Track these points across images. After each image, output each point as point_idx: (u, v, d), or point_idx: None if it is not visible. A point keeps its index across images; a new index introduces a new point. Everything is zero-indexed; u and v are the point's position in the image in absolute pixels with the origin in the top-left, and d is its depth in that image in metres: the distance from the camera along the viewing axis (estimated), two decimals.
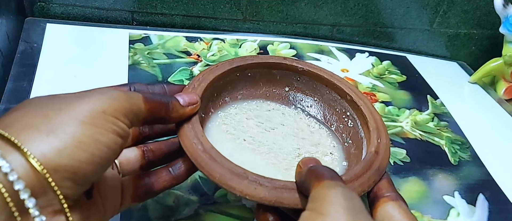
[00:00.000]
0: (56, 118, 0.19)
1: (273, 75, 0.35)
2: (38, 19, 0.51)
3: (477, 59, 0.69)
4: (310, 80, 0.35)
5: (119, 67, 0.47)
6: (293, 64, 0.35)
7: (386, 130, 0.30)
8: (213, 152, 0.25)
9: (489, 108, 0.57)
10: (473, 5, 0.63)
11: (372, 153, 0.28)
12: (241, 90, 0.35)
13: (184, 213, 0.33)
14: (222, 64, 0.33)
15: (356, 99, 0.32)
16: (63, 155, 0.18)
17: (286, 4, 0.59)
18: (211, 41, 0.56)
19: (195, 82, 0.30)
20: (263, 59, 0.35)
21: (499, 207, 0.41)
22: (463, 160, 0.46)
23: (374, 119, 0.31)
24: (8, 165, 0.17)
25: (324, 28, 0.63)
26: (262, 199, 0.23)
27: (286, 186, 0.24)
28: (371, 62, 0.60)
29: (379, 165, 0.27)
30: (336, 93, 0.34)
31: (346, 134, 0.34)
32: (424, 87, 0.58)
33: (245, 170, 0.24)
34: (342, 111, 0.34)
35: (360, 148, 0.31)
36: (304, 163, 0.24)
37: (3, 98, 0.39)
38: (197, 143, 0.25)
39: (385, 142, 0.29)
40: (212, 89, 0.32)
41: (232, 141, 0.31)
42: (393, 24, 0.64)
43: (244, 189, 0.23)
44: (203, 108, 0.31)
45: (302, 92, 0.36)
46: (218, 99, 0.34)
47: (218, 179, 0.24)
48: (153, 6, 0.56)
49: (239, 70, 0.34)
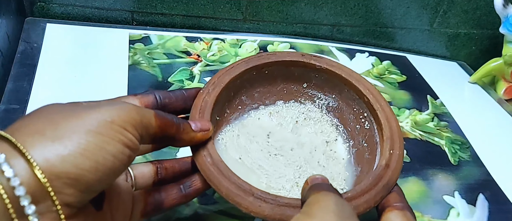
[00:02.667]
0: (63, 125, 0.19)
1: (290, 71, 0.35)
2: (38, 19, 0.51)
3: (477, 59, 0.69)
4: (328, 77, 0.34)
5: (119, 67, 0.47)
6: (311, 62, 0.34)
7: (402, 138, 0.29)
8: (222, 166, 0.25)
9: (489, 108, 0.57)
10: (473, 5, 0.63)
11: (382, 167, 0.27)
12: (258, 87, 0.35)
13: (184, 213, 0.33)
14: (238, 64, 0.32)
15: (373, 101, 0.31)
16: (66, 162, 0.18)
17: (286, 4, 0.59)
18: (211, 41, 0.56)
19: (209, 87, 0.30)
20: (279, 56, 0.34)
21: (499, 207, 0.41)
22: (463, 160, 0.46)
23: (389, 127, 0.30)
24: (11, 170, 0.17)
25: (324, 28, 0.63)
26: (266, 216, 0.24)
27: (290, 204, 0.24)
28: (371, 62, 0.60)
29: (388, 180, 0.26)
30: (354, 92, 0.33)
31: (362, 136, 0.33)
32: (424, 87, 0.58)
33: (251, 187, 0.24)
34: (359, 112, 0.33)
35: (374, 154, 0.30)
36: (312, 180, 0.24)
37: (3, 98, 0.39)
38: (207, 155, 0.26)
39: (398, 153, 0.28)
40: (228, 90, 0.31)
41: (248, 146, 0.31)
42: (393, 24, 0.64)
43: (249, 206, 0.24)
44: (218, 110, 0.31)
45: (320, 89, 0.35)
46: (235, 99, 0.33)
47: (225, 194, 0.24)
48: (153, 6, 0.56)
49: (256, 70, 0.33)
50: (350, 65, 0.59)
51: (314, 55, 0.35)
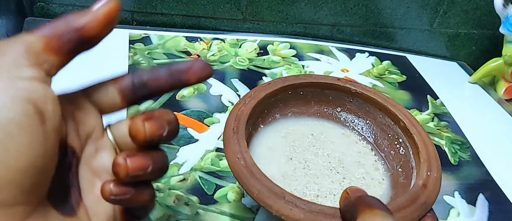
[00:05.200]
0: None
1: (325, 95, 0.35)
2: (38, 19, 0.51)
3: (477, 59, 0.69)
4: (363, 102, 0.35)
5: (119, 67, 0.47)
6: (347, 86, 0.34)
7: (439, 163, 0.29)
8: (254, 169, 0.25)
9: (489, 108, 0.57)
10: (473, 5, 0.63)
11: (419, 186, 0.26)
12: (292, 108, 0.35)
13: (184, 213, 0.33)
14: (274, 82, 0.33)
15: (410, 126, 0.31)
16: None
17: (286, 4, 0.59)
18: (211, 41, 0.56)
19: (246, 98, 0.31)
20: (316, 78, 0.34)
21: (499, 207, 0.41)
22: (463, 160, 0.46)
23: (426, 150, 0.29)
24: None
25: (324, 28, 0.63)
26: (297, 220, 0.23)
27: (323, 211, 0.23)
28: (371, 62, 0.60)
29: (425, 199, 0.26)
30: (390, 118, 0.33)
31: (396, 161, 0.33)
32: (424, 87, 0.58)
33: (283, 190, 0.24)
34: (394, 137, 0.33)
35: (410, 178, 0.30)
36: (352, 191, 0.23)
37: None
38: (241, 158, 0.26)
39: (436, 176, 0.28)
40: (263, 105, 0.32)
41: (277, 159, 0.31)
42: (393, 24, 0.64)
43: (280, 209, 0.24)
44: (252, 124, 0.31)
45: (355, 114, 0.36)
46: (268, 116, 0.34)
47: (256, 196, 0.24)
48: (153, 6, 0.56)
49: (291, 89, 0.34)
50: (350, 65, 0.59)
51: (350, 80, 0.35)
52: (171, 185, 0.35)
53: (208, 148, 0.40)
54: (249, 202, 0.35)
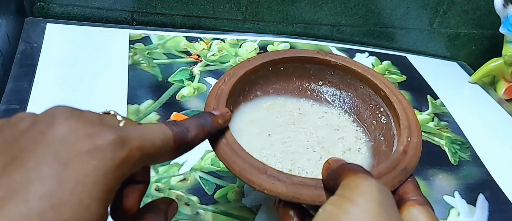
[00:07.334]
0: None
1: (306, 69, 0.35)
2: (38, 19, 0.51)
3: (477, 59, 0.69)
4: (344, 74, 0.34)
5: (119, 67, 0.47)
6: (327, 58, 0.34)
7: (420, 129, 0.29)
8: (236, 146, 0.25)
9: (489, 108, 0.57)
10: (473, 5, 0.63)
11: (400, 152, 0.27)
12: (273, 84, 0.35)
13: (184, 213, 0.33)
14: (254, 58, 0.32)
15: (390, 95, 0.32)
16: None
17: (286, 4, 0.59)
18: (211, 41, 0.56)
19: (225, 77, 0.30)
20: (296, 53, 0.34)
21: (499, 207, 0.41)
22: (463, 160, 0.46)
23: (407, 117, 0.30)
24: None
25: (324, 28, 0.63)
26: (279, 194, 0.23)
27: (305, 183, 0.24)
28: (371, 62, 0.60)
29: (406, 165, 0.26)
30: (370, 88, 0.33)
31: (378, 130, 0.33)
32: (424, 87, 0.58)
33: (265, 165, 0.24)
34: (375, 107, 0.33)
35: (391, 146, 0.30)
36: (334, 161, 0.23)
37: (3, 98, 0.39)
38: (221, 137, 0.26)
39: (416, 141, 0.28)
40: (243, 83, 0.32)
41: (258, 134, 0.31)
42: (393, 24, 0.64)
43: (262, 183, 0.24)
44: (233, 103, 0.31)
45: (336, 86, 0.35)
46: (250, 94, 0.33)
47: (238, 172, 0.24)
48: (153, 6, 0.56)
49: (272, 65, 0.33)
50: None
51: (330, 53, 0.35)
52: (171, 185, 0.35)
53: (208, 148, 0.39)
54: (249, 202, 0.35)
